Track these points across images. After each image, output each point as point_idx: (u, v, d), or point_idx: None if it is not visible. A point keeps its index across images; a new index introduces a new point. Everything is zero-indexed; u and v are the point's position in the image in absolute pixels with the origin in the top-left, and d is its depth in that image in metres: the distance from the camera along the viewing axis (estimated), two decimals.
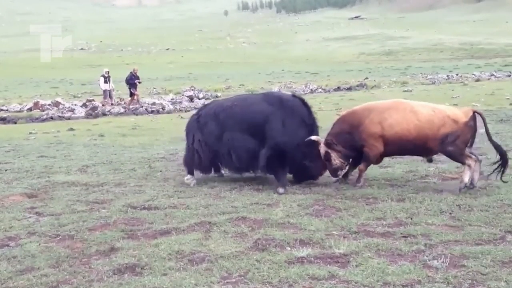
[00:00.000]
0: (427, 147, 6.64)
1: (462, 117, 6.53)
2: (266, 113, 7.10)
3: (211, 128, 7.41)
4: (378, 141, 6.73)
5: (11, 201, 6.65)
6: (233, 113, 7.33)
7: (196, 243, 4.81)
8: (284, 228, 5.20)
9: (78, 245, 4.91)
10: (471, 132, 6.53)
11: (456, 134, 6.45)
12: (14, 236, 5.21)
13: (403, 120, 6.60)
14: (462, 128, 6.47)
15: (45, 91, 31.45)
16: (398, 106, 6.86)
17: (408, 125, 6.57)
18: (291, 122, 7.03)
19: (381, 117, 6.71)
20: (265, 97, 7.49)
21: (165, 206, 6.19)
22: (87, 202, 6.54)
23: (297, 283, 3.86)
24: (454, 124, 6.47)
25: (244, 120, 7.21)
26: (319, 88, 30.19)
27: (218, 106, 7.68)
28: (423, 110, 6.67)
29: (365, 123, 6.76)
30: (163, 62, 54.59)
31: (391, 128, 6.63)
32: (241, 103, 7.46)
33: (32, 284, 4.00)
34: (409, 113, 6.63)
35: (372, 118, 6.75)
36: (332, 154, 6.90)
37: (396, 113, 6.69)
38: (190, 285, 3.85)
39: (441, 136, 6.47)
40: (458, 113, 6.62)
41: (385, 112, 6.75)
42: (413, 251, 4.46)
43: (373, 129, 6.69)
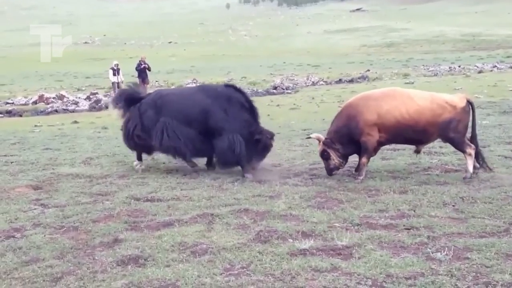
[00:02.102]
0: (427, 133, 6.68)
1: (458, 102, 6.60)
2: (204, 105, 7.56)
3: (149, 114, 7.81)
4: (373, 130, 6.74)
5: (17, 193, 6.69)
6: (170, 101, 7.84)
7: (198, 234, 4.84)
8: (286, 220, 5.22)
9: (82, 236, 4.94)
10: (468, 118, 6.62)
11: (456, 120, 6.53)
12: (20, 228, 5.24)
13: (402, 106, 6.61)
14: (461, 113, 6.56)
15: (49, 84, 31.50)
16: (394, 93, 6.89)
17: (407, 111, 6.58)
18: (232, 109, 7.46)
19: (377, 105, 6.71)
20: (202, 89, 8.18)
21: (168, 198, 6.22)
22: (91, 194, 6.57)
23: (299, 275, 3.88)
24: (453, 109, 6.54)
25: (181, 109, 7.66)
26: (321, 80, 30.09)
27: (157, 94, 8.23)
28: (421, 96, 6.74)
29: (362, 111, 6.76)
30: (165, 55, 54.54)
31: (389, 115, 6.63)
32: (180, 93, 8.19)
33: (37, 275, 4.03)
34: (407, 99, 6.66)
35: (369, 106, 6.75)
36: (331, 154, 6.94)
37: (393, 100, 6.70)
38: (193, 277, 3.87)
39: (442, 122, 6.54)
40: (455, 99, 6.70)
41: (381, 99, 6.77)
42: (416, 244, 4.47)
43: (369, 117, 6.70)
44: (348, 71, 33.52)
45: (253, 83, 28.72)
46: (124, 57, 40.35)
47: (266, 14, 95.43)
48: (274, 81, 28.39)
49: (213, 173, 7.59)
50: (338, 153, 6.95)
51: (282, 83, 27.24)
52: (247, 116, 7.51)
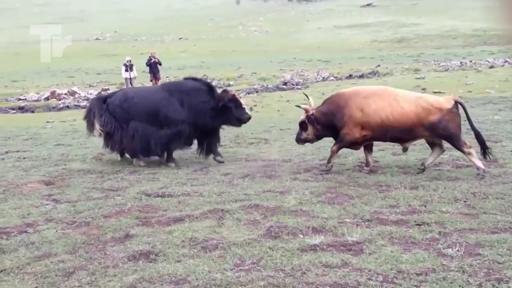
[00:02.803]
0: (413, 133, 6.83)
1: (445, 104, 6.71)
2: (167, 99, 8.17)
3: (119, 114, 8.32)
4: (356, 127, 6.92)
5: (29, 189, 6.75)
6: (136, 103, 8.32)
7: (209, 230, 4.85)
8: (296, 215, 5.22)
9: (94, 231, 4.98)
10: (457, 118, 6.72)
11: (445, 120, 6.64)
12: (32, 223, 5.30)
13: (388, 107, 6.77)
14: (448, 114, 6.66)
15: (61, 81, 31.71)
16: (383, 93, 7.03)
17: (392, 113, 6.74)
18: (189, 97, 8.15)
19: (365, 103, 6.88)
20: (163, 87, 8.88)
21: (178, 194, 6.25)
22: (103, 189, 6.62)
23: (310, 270, 3.88)
24: (439, 111, 6.66)
25: (146, 108, 8.20)
26: (331, 75, 29.95)
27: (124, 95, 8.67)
28: (407, 98, 6.85)
29: (350, 106, 6.94)
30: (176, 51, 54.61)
31: (375, 115, 6.80)
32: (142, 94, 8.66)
33: (50, 269, 4.07)
34: (394, 101, 6.80)
35: (357, 102, 6.93)
36: (309, 128, 7.32)
37: (381, 100, 6.85)
38: (204, 272, 3.89)
39: (429, 124, 6.66)
40: (441, 100, 6.82)
41: (370, 98, 6.92)
42: (427, 239, 4.45)
43: (356, 114, 6.88)
44: (359, 67, 33.33)
45: (263, 78, 28.68)
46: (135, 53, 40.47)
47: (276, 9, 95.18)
48: (284, 77, 28.31)
49: (223, 169, 7.60)
50: (315, 131, 7.31)
51: (292, 79, 27.16)
52: (206, 97, 8.13)
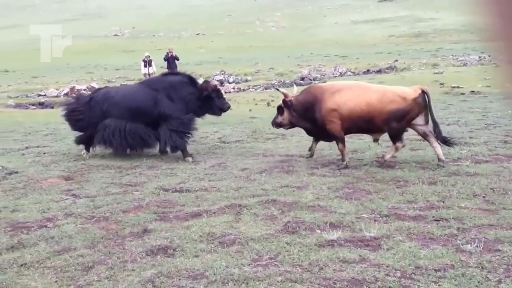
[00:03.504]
0: (375, 123, 7.05)
1: (411, 94, 6.94)
2: (153, 95, 8.46)
3: (97, 112, 8.56)
4: (335, 117, 7.18)
5: (49, 184, 6.84)
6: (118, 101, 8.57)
7: (226, 225, 4.87)
8: (314, 211, 5.21)
9: (113, 226, 5.03)
10: (419, 108, 6.92)
11: (405, 111, 6.87)
12: (52, 217, 5.37)
13: (356, 99, 7.06)
14: (411, 104, 6.88)
15: (80, 76, 32.03)
16: (352, 86, 7.43)
17: (360, 103, 7.01)
18: (175, 91, 8.45)
19: (337, 95, 7.19)
20: (144, 84, 9.16)
21: (196, 189, 6.28)
22: (121, 184, 6.68)
23: (327, 266, 3.87)
24: (403, 101, 6.88)
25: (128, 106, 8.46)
26: (349, 71, 29.69)
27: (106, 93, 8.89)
28: (375, 89, 7.24)
29: (326, 99, 7.23)
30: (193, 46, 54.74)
31: (345, 106, 7.09)
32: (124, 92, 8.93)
33: (69, 264, 4.12)
34: (362, 92, 7.12)
35: (332, 94, 7.24)
36: (285, 113, 7.64)
37: (350, 92, 7.18)
38: (221, 267, 3.90)
39: (388, 112, 6.90)
40: (407, 91, 7.04)
41: (341, 91, 7.25)
42: (445, 235, 4.40)
43: (331, 105, 7.16)
44: (376, 62, 33.00)
45: (280, 74, 28.59)
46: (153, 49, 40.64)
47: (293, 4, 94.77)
48: (301, 72, 28.18)
49: (240, 164, 7.62)
50: (290, 117, 7.60)
51: (309, 74, 27.02)
52: (192, 88, 8.53)
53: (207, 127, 11.47)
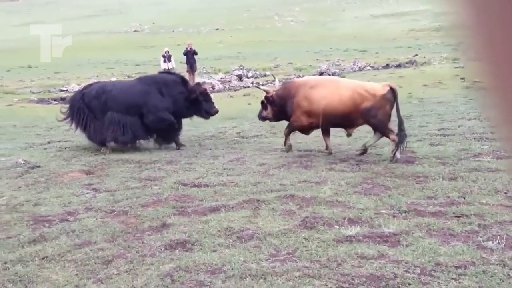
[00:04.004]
0: (350, 119, 7.30)
1: (380, 90, 7.16)
2: (145, 91, 8.91)
3: (95, 106, 8.88)
4: (303, 115, 7.52)
5: (70, 178, 6.94)
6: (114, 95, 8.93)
7: (244, 220, 4.87)
8: (332, 206, 5.18)
9: (132, 220, 5.08)
10: (389, 104, 7.13)
11: (376, 107, 7.09)
12: (73, 211, 5.44)
13: (329, 96, 7.31)
14: (380, 101, 7.09)
15: (101, 72, 32.32)
16: (325, 83, 7.75)
17: (332, 100, 7.26)
18: (168, 89, 8.92)
19: (310, 92, 7.46)
20: (139, 80, 9.51)
21: (214, 184, 6.29)
22: (140, 179, 6.73)
23: (345, 261, 3.85)
24: (372, 97, 7.11)
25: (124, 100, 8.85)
26: (368, 65, 29.39)
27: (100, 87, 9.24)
28: (347, 86, 7.43)
29: (299, 95, 7.54)
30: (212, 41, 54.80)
31: (317, 103, 7.35)
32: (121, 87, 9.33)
33: (89, 257, 4.18)
34: (335, 89, 7.33)
35: (304, 91, 7.52)
36: (268, 107, 8.04)
37: (324, 89, 7.41)
38: (239, 262, 3.91)
39: (363, 109, 7.12)
40: (376, 87, 7.30)
41: (315, 87, 7.49)
42: (466, 232, 4.34)
43: (303, 103, 7.49)
44: (396, 56, 32.65)
45: (299, 68, 28.48)
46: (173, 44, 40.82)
47: None
48: (320, 67, 28.00)
49: (259, 159, 7.62)
50: (273, 111, 8.01)
51: (328, 69, 26.85)
52: (182, 88, 8.97)
53: (225, 122, 11.51)
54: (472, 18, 0.35)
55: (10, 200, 5.90)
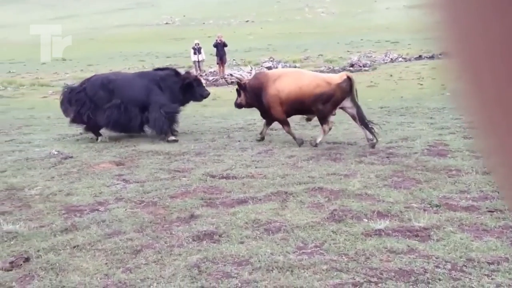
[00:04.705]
0: (308, 105, 7.79)
1: (336, 79, 7.71)
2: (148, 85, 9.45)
3: (101, 96, 9.22)
4: (276, 103, 8.00)
5: (101, 168, 7.05)
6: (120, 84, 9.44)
7: (272, 212, 4.86)
8: (361, 199, 5.12)
9: (161, 211, 5.12)
10: (341, 92, 7.60)
11: (329, 94, 7.57)
12: (103, 201, 5.53)
13: (292, 84, 7.87)
14: (335, 88, 7.58)
15: (133, 64, 32.75)
16: (289, 73, 8.37)
17: (295, 88, 7.82)
18: (166, 83, 9.56)
19: (278, 82, 8.01)
20: (141, 75, 10.09)
21: (242, 176, 6.30)
22: (169, 170, 6.79)
23: (374, 255, 3.80)
24: (327, 85, 7.62)
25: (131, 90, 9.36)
26: (400, 57, 28.90)
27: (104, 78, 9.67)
28: (307, 76, 8.07)
29: (269, 85, 8.06)
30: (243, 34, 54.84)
31: (283, 91, 7.92)
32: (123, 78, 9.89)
33: (119, 247, 4.23)
34: (297, 79, 7.92)
35: (274, 81, 8.06)
36: (241, 94, 8.58)
37: (287, 78, 8.01)
38: (266, 254, 3.90)
39: (315, 95, 7.62)
40: (333, 77, 7.93)
41: (281, 77, 8.12)
42: (500, 227, 4.23)
43: (272, 92, 8.00)
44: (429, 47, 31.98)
45: (329, 60, 28.22)
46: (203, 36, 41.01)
47: None
48: (351, 59, 27.69)
49: (288, 151, 7.58)
50: (246, 98, 8.54)
51: (359, 60, 26.53)
52: (176, 79, 9.68)
53: (254, 114, 11.48)
54: None
55: (43, 190, 6.04)
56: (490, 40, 0.29)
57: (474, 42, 0.30)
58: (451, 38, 0.33)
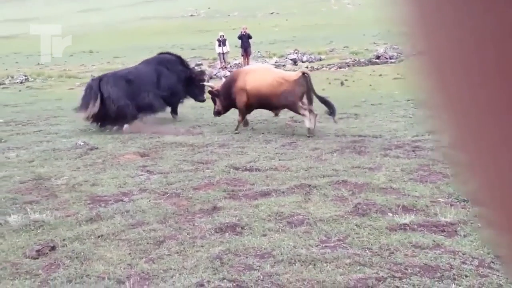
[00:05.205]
0: (272, 101, 8.53)
1: (293, 76, 8.43)
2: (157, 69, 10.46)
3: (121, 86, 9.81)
4: (242, 95, 8.70)
5: (126, 159, 7.11)
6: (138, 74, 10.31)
7: (295, 205, 4.83)
8: (386, 193, 5.05)
9: (184, 203, 5.14)
10: (300, 88, 8.25)
11: (288, 90, 8.25)
12: (128, 192, 5.58)
13: (258, 81, 8.55)
14: (293, 85, 8.27)
15: None
16: (257, 70, 9.14)
17: (259, 84, 8.51)
18: (172, 65, 10.68)
19: (246, 77, 8.74)
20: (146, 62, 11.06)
21: (266, 168, 6.27)
22: (193, 162, 6.81)
23: (398, 250, 3.74)
24: (286, 83, 8.33)
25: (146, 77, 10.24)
26: None
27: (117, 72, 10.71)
28: (270, 73, 8.76)
29: (239, 79, 8.81)
30: (268, 26, 54.63)
31: (250, 85, 8.60)
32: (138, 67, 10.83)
33: (142, 237, 4.27)
34: (262, 76, 8.64)
35: (243, 77, 8.82)
36: (216, 101, 9.21)
37: (255, 74, 8.74)
38: (289, 247, 3.88)
39: (279, 93, 8.32)
40: (291, 74, 8.72)
41: (250, 73, 8.88)
42: None
43: (240, 84, 8.71)
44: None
45: (355, 52, 27.91)
46: (228, 29, 41.03)
47: None
48: (377, 51, 27.33)
49: (312, 144, 7.52)
50: (221, 103, 9.13)
51: (385, 52, 26.15)
52: (182, 67, 10.78)
53: None
54: None
55: (69, 180, 6.13)
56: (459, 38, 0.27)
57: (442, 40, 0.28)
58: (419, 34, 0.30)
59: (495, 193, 0.28)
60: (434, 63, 0.30)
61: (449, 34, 0.28)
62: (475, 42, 0.26)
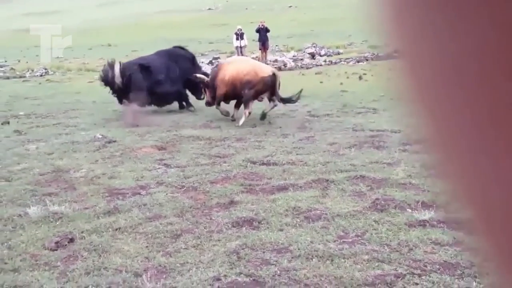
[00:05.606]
0: (238, 89, 8.94)
1: (264, 72, 8.92)
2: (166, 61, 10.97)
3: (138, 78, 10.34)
4: (221, 83, 9.14)
5: (143, 153, 7.14)
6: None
7: (313, 200, 4.79)
8: (405, 188, 4.98)
9: (201, 196, 5.14)
10: (265, 85, 8.76)
11: (253, 83, 8.73)
12: (145, 185, 5.59)
13: (234, 71, 9.05)
14: (259, 80, 8.73)
15: None
16: (237, 61, 10.14)
17: (236, 75, 8.95)
18: (182, 61, 11.14)
19: (226, 68, 9.30)
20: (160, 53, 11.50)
21: (283, 162, 6.24)
22: (210, 156, 6.80)
23: (417, 247, 3.69)
24: (255, 75, 8.77)
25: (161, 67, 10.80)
26: None
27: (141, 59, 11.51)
28: (245, 64, 9.34)
29: (221, 70, 9.35)
30: (285, 19, 54.40)
31: (227, 76, 9.07)
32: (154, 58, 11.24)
33: (159, 231, 4.27)
34: (238, 67, 9.12)
35: (223, 67, 9.39)
36: (206, 92, 9.69)
37: (233, 64, 9.35)
38: (306, 242, 3.85)
39: (244, 81, 8.78)
40: (263, 69, 9.23)
41: (230, 64, 9.52)
42: None
43: (221, 75, 9.22)
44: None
45: (374, 46, 27.64)
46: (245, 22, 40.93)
47: None
48: None
49: (329, 138, 7.47)
50: (209, 94, 9.54)
51: None
52: (189, 64, 11.12)
53: None
54: None
55: (88, 173, 6.17)
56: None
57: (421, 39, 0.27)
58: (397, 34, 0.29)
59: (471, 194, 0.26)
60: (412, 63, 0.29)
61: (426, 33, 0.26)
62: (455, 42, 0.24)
